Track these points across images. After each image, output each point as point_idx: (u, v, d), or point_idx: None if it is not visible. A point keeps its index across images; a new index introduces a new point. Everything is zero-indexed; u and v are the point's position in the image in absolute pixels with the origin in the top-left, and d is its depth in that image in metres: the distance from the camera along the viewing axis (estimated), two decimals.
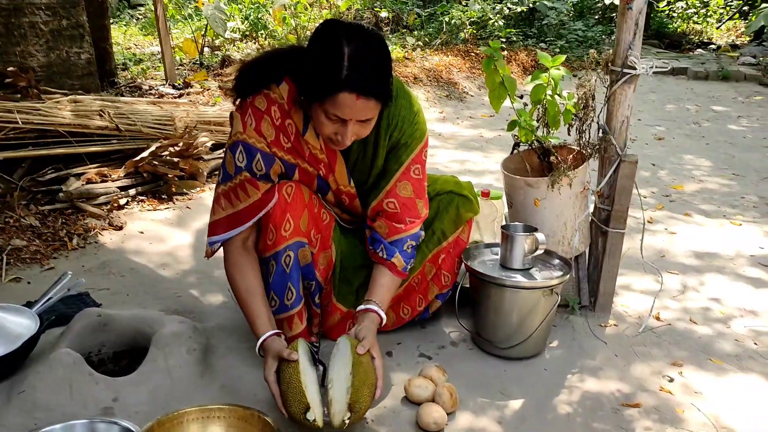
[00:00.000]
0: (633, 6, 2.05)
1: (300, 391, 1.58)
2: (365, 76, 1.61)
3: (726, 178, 4.28)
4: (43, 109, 3.30)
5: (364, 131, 1.75)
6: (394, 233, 1.96)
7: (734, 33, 12.43)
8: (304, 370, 1.62)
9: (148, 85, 5.57)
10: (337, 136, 1.73)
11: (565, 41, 9.01)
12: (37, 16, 4.09)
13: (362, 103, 1.63)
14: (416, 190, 1.96)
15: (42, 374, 1.71)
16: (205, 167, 3.69)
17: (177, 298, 2.44)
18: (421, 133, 1.96)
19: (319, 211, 1.99)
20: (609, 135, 2.19)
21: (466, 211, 2.15)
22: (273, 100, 1.80)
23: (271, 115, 1.80)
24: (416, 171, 1.96)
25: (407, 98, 1.94)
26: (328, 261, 2.04)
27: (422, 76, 6.72)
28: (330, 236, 2.04)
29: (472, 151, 4.75)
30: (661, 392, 1.96)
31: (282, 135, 1.83)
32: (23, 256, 2.68)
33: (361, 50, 1.62)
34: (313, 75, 1.65)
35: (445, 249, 2.17)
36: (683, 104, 6.88)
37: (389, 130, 1.91)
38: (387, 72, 1.69)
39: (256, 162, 1.81)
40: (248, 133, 1.79)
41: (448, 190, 2.15)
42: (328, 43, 1.63)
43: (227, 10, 7.29)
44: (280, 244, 1.86)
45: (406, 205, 1.95)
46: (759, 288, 2.69)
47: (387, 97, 1.71)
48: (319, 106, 1.67)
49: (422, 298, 2.19)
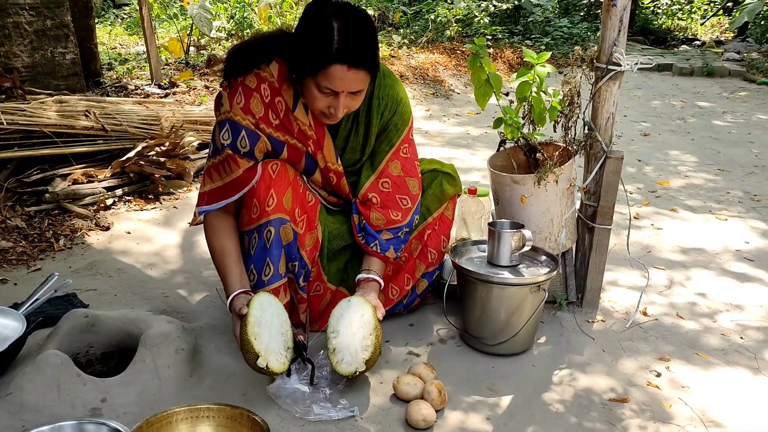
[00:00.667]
0: (617, 3, 2.06)
1: (248, 342, 1.70)
2: (355, 48, 1.71)
3: (711, 173, 4.32)
4: (28, 110, 3.28)
5: (354, 104, 1.84)
6: (391, 223, 2.06)
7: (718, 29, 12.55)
8: (253, 322, 1.73)
9: (134, 84, 5.53)
10: (330, 109, 1.81)
11: (550, 38, 9.06)
12: (21, 17, 4.05)
13: (353, 74, 1.73)
14: (404, 168, 2.07)
15: (30, 375, 1.70)
16: (191, 167, 3.67)
17: (165, 298, 2.43)
18: (408, 113, 2.09)
19: (304, 192, 2.04)
20: (594, 132, 2.20)
21: (450, 186, 2.24)
22: (263, 79, 1.89)
23: (261, 93, 1.88)
24: (405, 150, 2.09)
25: (392, 78, 2.06)
26: (315, 241, 2.08)
27: (408, 74, 6.73)
28: (316, 217, 2.09)
29: (459, 149, 4.76)
30: (649, 387, 1.97)
31: (271, 111, 1.90)
32: (9, 258, 2.66)
33: (350, 24, 1.72)
34: (304, 50, 1.75)
35: (431, 225, 2.23)
36: (669, 100, 6.93)
37: (380, 109, 2.01)
38: (374, 44, 1.80)
39: (241, 139, 1.88)
40: (234, 111, 1.87)
41: (432, 169, 2.25)
42: (318, 19, 1.73)
43: (213, 9, 7.25)
44: (262, 218, 1.91)
45: (396, 183, 2.06)
46: (744, 282, 2.72)
47: (375, 68, 1.82)
48: (311, 80, 1.76)
49: (410, 277, 2.24)
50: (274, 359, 1.73)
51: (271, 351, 1.74)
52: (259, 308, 1.77)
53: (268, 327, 1.77)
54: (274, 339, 1.77)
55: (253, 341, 1.70)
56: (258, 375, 1.84)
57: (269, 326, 1.77)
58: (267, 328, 1.76)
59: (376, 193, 2.06)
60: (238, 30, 7.71)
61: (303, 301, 2.06)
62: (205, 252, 2.84)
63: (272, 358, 1.73)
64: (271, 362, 1.72)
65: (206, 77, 5.88)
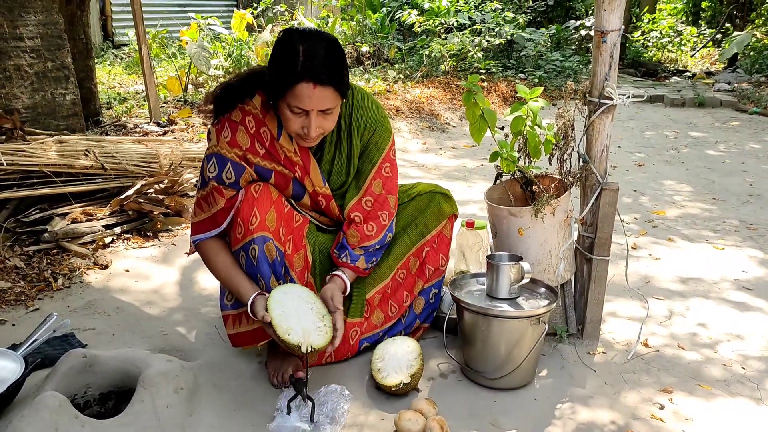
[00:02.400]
0: (607, 39, 2.10)
1: (285, 342, 1.78)
2: (320, 66, 1.78)
3: (707, 202, 4.35)
4: (28, 150, 3.30)
5: (327, 123, 1.89)
6: (365, 240, 2.12)
7: (708, 60, 12.73)
8: (279, 320, 1.80)
9: (133, 123, 5.58)
10: (303, 129, 1.87)
11: (543, 71, 9.18)
12: (22, 59, 4.11)
13: (320, 92, 1.79)
14: (386, 186, 2.14)
15: (27, 418, 1.68)
16: (190, 204, 3.69)
17: (163, 335, 2.42)
18: (389, 132, 2.16)
19: (291, 212, 2.08)
20: (589, 164, 2.23)
21: (448, 206, 2.30)
22: (247, 112, 1.98)
23: (246, 125, 1.96)
24: (386, 169, 2.16)
25: (370, 100, 2.12)
26: (304, 262, 2.11)
27: (404, 108, 6.80)
28: (302, 237, 2.12)
29: (456, 181, 4.79)
30: (653, 420, 1.96)
31: (257, 141, 1.98)
32: (8, 298, 2.65)
33: (315, 45, 1.80)
34: (273, 74, 1.83)
35: (429, 242, 2.28)
36: (662, 131, 7.00)
37: (359, 130, 2.08)
38: (341, 62, 1.85)
39: (227, 171, 1.96)
40: (221, 145, 1.96)
41: (429, 190, 2.32)
42: (285, 44, 1.82)
43: (211, 47, 7.36)
44: (246, 236, 1.94)
45: (378, 201, 2.14)
46: (744, 312, 2.72)
47: (344, 86, 1.87)
48: (283, 102, 1.83)
49: (408, 293, 2.27)
50: (316, 336, 1.81)
51: (309, 332, 1.81)
52: (278, 305, 1.83)
53: (296, 315, 1.83)
54: (306, 320, 1.84)
55: (287, 338, 1.77)
56: (258, 413, 1.82)
57: (296, 314, 1.84)
58: (295, 317, 1.83)
59: (359, 212, 2.13)
60: (235, 68, 7.80)
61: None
62: (203, 289, 2.83)
63: (314, 337, 1.80)
64: (314, 342, 1.80)
65: (204, 114, 5.94)
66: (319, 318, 1.86)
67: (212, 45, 7.80)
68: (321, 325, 1.85)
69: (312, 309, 1.87)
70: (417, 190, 2.32)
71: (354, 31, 9.32)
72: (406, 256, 2.25)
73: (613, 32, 2.10)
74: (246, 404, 1.97)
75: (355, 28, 9.33)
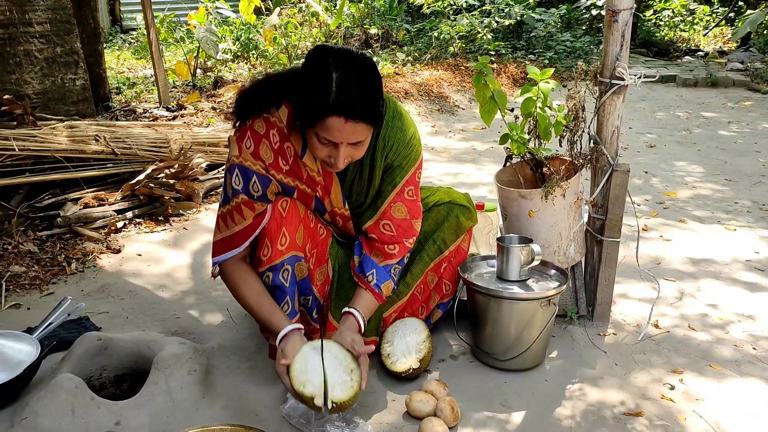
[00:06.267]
0: (619, 18, 2.08)
1: (299, 393, 1.70)
2: (353, 100, 1.64)
3: (719, 183, 4.32)
4: (39, 136, 3.32)
5: (357, 153, 1.78)
6: (387, 259, 2.01)
7: (721, 39, 12.55)
8: (295, 376, 1.72)
9: (142, 108, 5.59)
10: (331, 158, 1.76)
11: (553, 52, 9.09)
12: (31, 45, 4.12)
13: (351, 126, 1.66)
14: (411, 211, 2.01)
15: (44, 400, 1.71)
16: (200, 188, 3.70)
17: (176, 319, 2.45)
18: (416, 155, 2.00)
19: (316, 225, 2.03)
20: (600, 145, 2.22)
21: (466, 219, 2.20)
22: (272, 124, 1.84)
23: (270, 139, 1.84)
24: (410, 192, 2.00)
25: (402, 120, 1.96)
26: (325, 276, 2.08)
27: (413, 91, 6.77)
28: (326, 251, 2.08)
29: (465, 164, 4.77)
30: (663, 400, 1.96)
31: (281, 158, 1.86)
32: (22, 282, 2.69)
33: (349, 75, 1.65)
34: (303, 101, 1.69)
35: (447, 258, 2.21)
36: (673, 111, 6.93)
37: (384, 151, 1.94)
38: (376, 95, 1.72)
39: (253, 184, 1.84)
40: (244, 157, 1.83)
41: (446, 201, 2.20)
42: (318, 69, 1.67)
43: (219, 31, 7.34)
44: (275, 259, 1.89)
45: (401, 227, 2.00)
46: (755, 292, 2.71)
47: (376, 119, 1.74)
48: (311, 130, 1.71)
49: (424, 306, 2.24)
50: (339, 390, 1.72)
51: (332, 386, 1.72)
52: (301, 359, 1.76)
53: (318, 369, 1.75)
54: (333, 374, 1.74)
55: (302, 390, 1.70)
56: (270, 394, 1.85)
57: (318, 368, 1.75)
58: (317, 371, 1.74)
59: (375, 234, 2.01)
60: (243, 51, 7.79)
61: (316, 332, 2.07)
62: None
63: (336, 391, 1.71)
64: (336, 395, 1.71)
65: (213, 99, 5.94)
66: (347, 372, 1.77)
67: (220, 29, 7.78)
68: (348, 380, 1.75)
69: (341, 364, 1.78)
70: (434, 199, 2.21)
71: (362, 13, 9.25)
72: (424, 272, 2.18)
73: (624, 11, 2.07)
74: (258, 386, 1.99)
75: (363, 10, 9.25)
